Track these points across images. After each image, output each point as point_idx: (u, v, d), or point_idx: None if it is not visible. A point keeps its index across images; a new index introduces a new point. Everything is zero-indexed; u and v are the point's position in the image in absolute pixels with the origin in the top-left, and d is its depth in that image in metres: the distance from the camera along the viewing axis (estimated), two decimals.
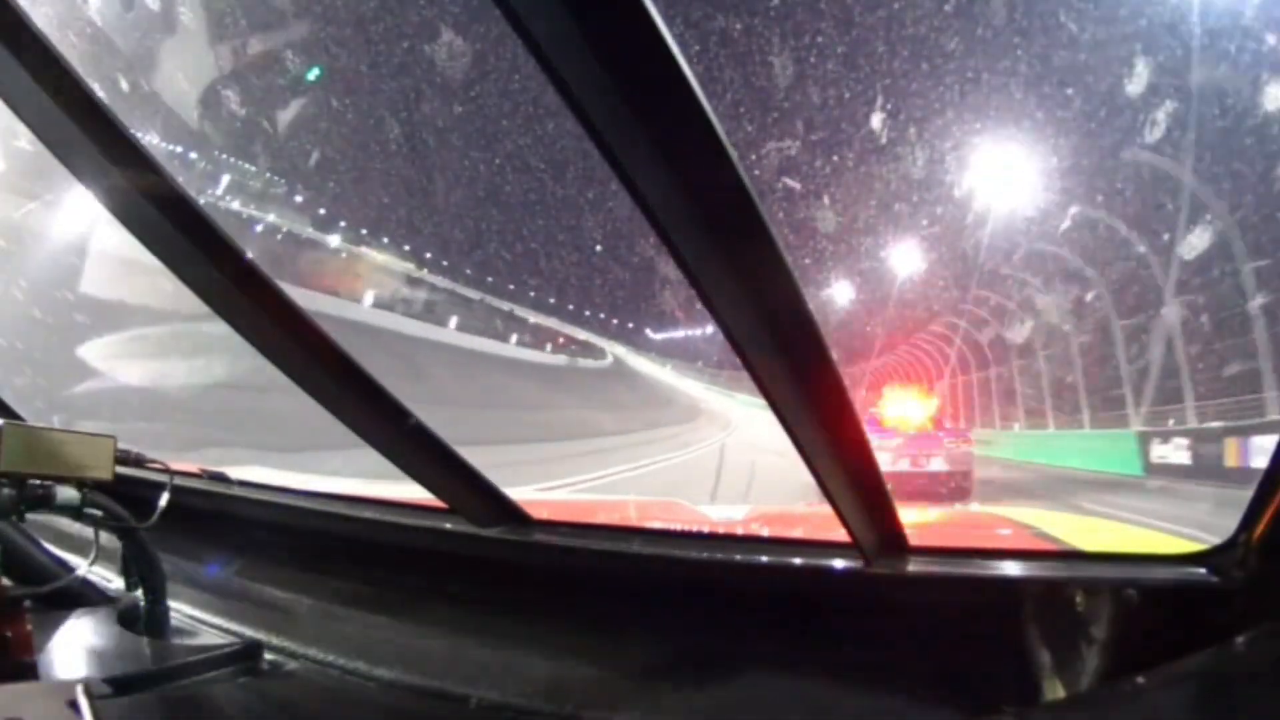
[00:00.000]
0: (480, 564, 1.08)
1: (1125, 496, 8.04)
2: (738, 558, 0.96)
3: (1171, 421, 11.03)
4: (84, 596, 1.14)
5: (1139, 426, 11.57)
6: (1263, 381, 9.40)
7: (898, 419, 8.92)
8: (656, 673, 0.96)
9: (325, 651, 1.10)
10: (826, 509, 0.80)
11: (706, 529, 1.24)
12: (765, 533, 1.28)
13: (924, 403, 9.41)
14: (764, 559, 0.95)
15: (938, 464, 7.84)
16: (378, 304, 18.26)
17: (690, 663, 0.95)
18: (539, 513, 1.09)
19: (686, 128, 0.49)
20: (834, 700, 0.88)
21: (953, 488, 7.68)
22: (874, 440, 0.75)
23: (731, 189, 0.52)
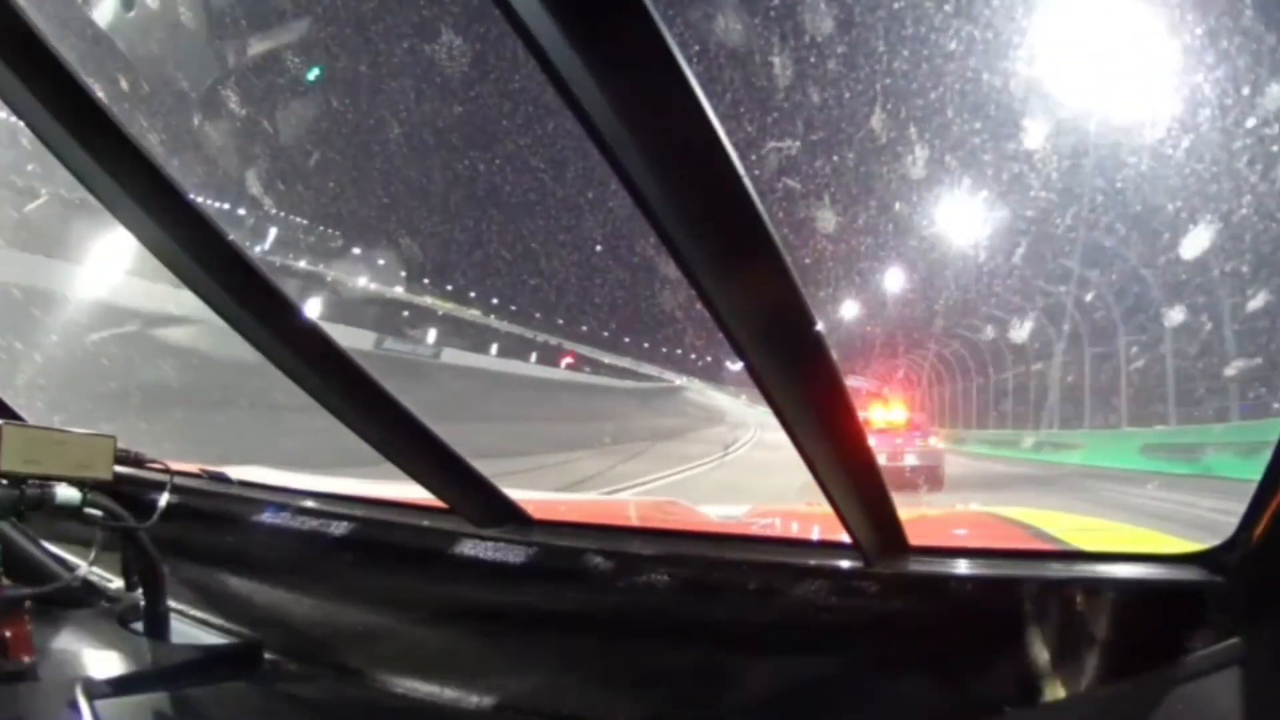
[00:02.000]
0: (480, 564, 1.08)
1: None
2: (738, 558, 0.96)
3: None
4: (84, 596, 1.14)
5: None
6: None
7: (880, 421, 10.62)
8: (656, 673, 0.96)
9: (325, 651, 1.10)
10: (826, 509, 0.80)
11: (706, 529, 1.24)
12: (765, 533, 1.28)
13: (896, 409, 11.44)
14: (764, 559, 0.95)
15: (911, 459, 9.30)
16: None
17: (690, 662, 0.95)
18: (539, 513, 1.09)
19: (686, 128, 0.49)
20: (834, 699, 0.88)
21: (925, 478, 8.98)
22: None
23: (731, 189, 0.52)
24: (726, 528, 1.31)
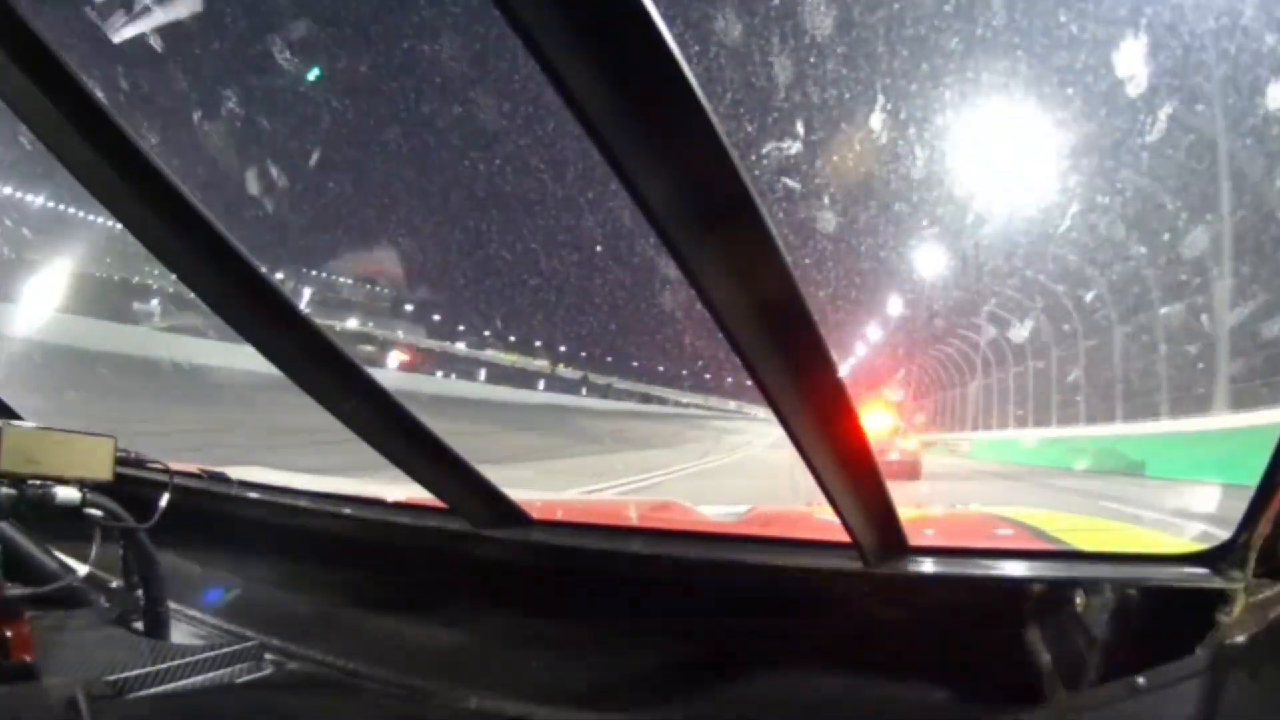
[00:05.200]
0: (480, 564, 1.08)
1: None
2: (738, 558, 0.96)
3: None
4: (84, 596, 1.14)
5: None
6: None
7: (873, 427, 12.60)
8: (656, 673, 0.96)
9: (325, 651, 1.10)
10: (826, 509, 0.80)
11: (706, 529, 1.24)
12: (765, 533, 1.28)
13: (889, 413, 13.85)
14: (764, 559, 0.95)
15: (894, 455, 11.12)
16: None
17: (690, 663, 0.95)
18: (539, 513, 1.09)
19: (686, 128, 0.49)
20: (834, 700, 0.88)
21: (906, 471, 10.80)
22: None
23: (731, 189, 0.52)
24: (726, 528, 1.31)
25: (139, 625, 1.09)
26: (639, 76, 0.48)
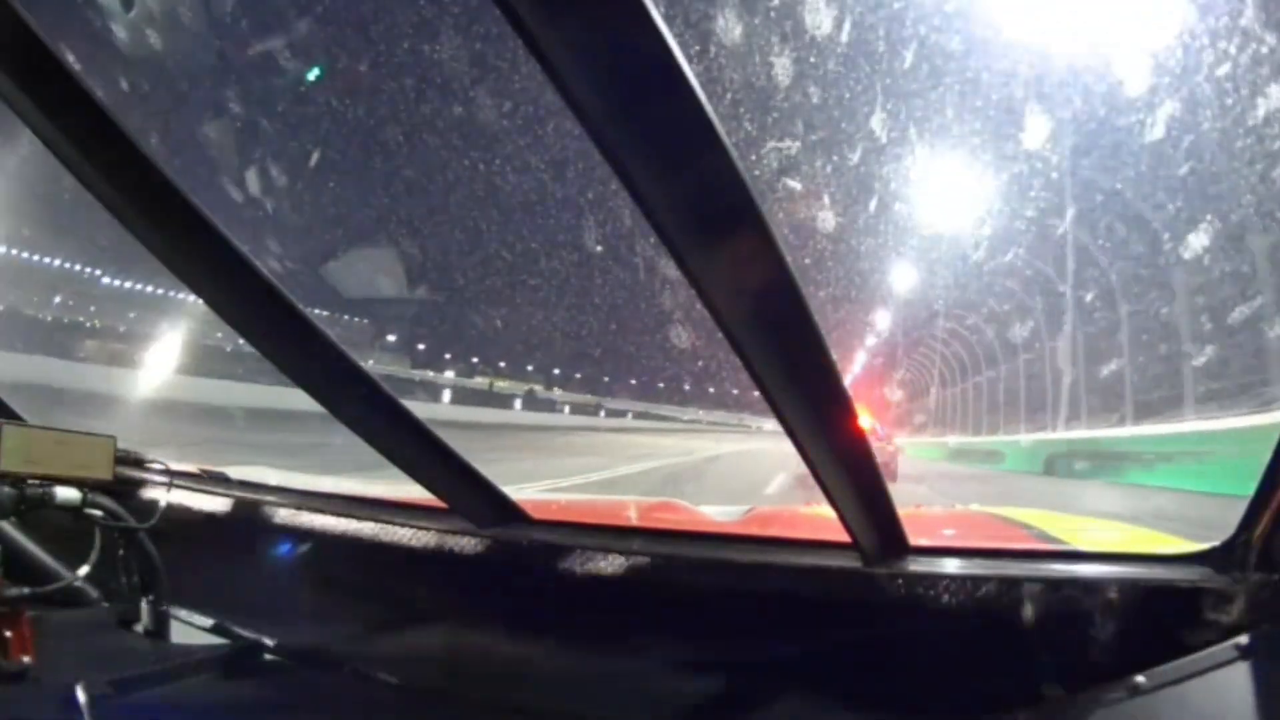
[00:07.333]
0: (480, 564, 1.08)
1: None
2: (738, 558, 0.96)
3: None
4: (84, 597, 1.14)
5: None
6: None
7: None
8: (656, 672, 0.96)
9: (325, 651, 1.10)
10: (826, 509, 0.80)
11: (706, 529, 1.24)
12: (765, 533, 1.28)
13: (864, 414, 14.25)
14: (764, 559, 0.95)
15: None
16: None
17: (690, 662, 0.95)
18: (539, 513, 1.09)
19: (686, 128, 0.49)
20: (833, 700, 0.88)
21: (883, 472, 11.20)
22: None
23: (731, 189, 0.52)
24: (726, 528, 1.31)
25: (139, 625, 1.09)
26: (639, 77, 0.48)
